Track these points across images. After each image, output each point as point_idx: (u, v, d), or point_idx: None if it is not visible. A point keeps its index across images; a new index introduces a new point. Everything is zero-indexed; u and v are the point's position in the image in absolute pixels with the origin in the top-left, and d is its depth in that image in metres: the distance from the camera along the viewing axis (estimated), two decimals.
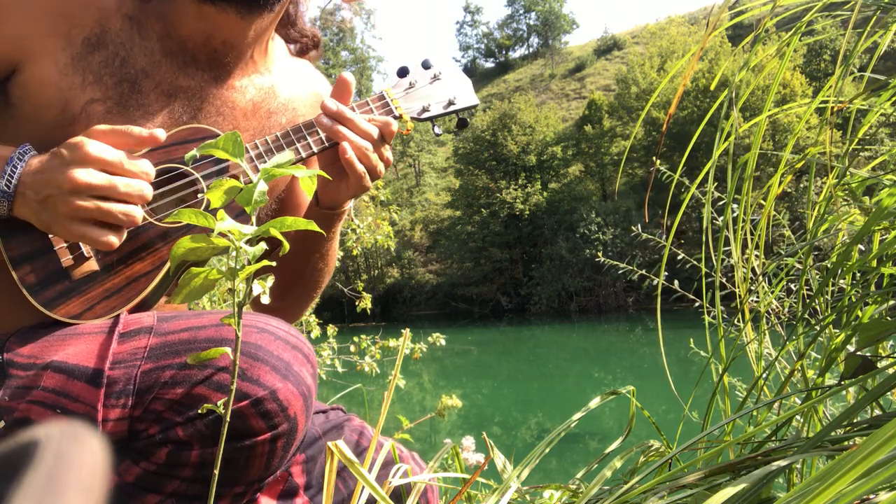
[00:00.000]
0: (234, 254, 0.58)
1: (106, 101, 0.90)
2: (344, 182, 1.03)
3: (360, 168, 0.99)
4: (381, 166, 1.03)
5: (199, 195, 0.93)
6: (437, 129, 1.13)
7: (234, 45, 0.97)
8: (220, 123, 0.98)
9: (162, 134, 0.87)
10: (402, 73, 1.11)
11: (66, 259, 0.86)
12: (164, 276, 0.90)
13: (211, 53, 0.96)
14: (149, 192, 0.85)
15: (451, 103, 1.11)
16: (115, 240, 0.83)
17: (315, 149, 1.00)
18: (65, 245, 0.86)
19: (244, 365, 0.75)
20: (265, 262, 0.59)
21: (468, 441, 1.35)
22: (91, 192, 0.81)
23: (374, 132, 1.01)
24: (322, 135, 1.01)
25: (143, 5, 0.93)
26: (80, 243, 0.87)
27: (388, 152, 1.04)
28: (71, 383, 0.76)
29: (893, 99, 1.08)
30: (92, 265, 0.87)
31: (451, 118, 1.15)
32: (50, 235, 0.86)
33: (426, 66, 1.12)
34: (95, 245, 0.84)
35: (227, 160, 0.93)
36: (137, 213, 0.84)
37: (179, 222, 0.90)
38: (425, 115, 1.09)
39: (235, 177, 0.95)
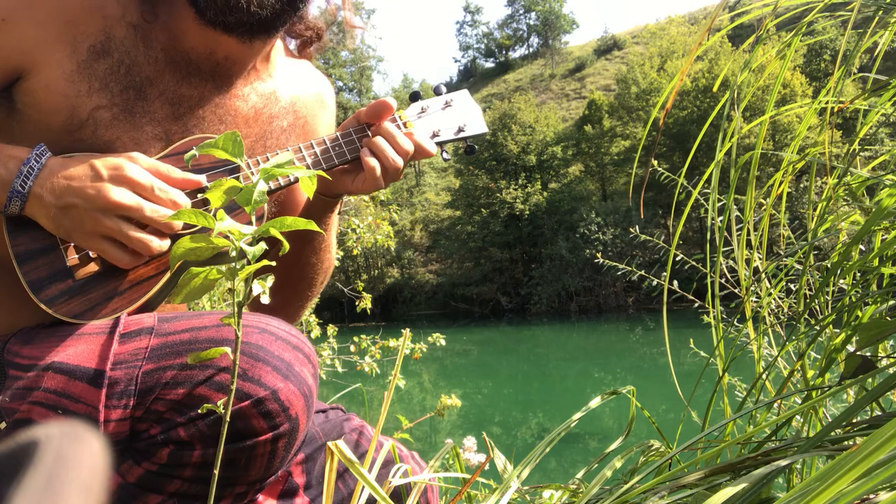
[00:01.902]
0: (233, 254, 0.58)
1: (112, 108, 0.90)
2: (351, 175, 1.04)
3: (374, 163, 1.01)
4: (394, 174, 1.04)
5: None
6: (445, 155, 1.16)
7: (237, 60, 0.98)
8: (222, 131, 0.99)
9: (203, 180, 0.90)
10: (415, 97, 1.14)
11: (71, 259, 0.86)
12: (167, 280, 0.91)
13: (214, 66, 0.97)
14: (177, 224, 0.86)
15: (460, 130, 1.14)
16: (131, 260, 0.85)
17: (343, 159, 1.04)
18: (71, 245, 0.86)
19: (245, 365, 0.75)
20: (265, 262, 0.59)
21: (469, 442, 1.35)
22: (118, 211, 0.82)
23: (410, 148, 1.04)
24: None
25: (147, 13, 0.94)
26: None
27: (402, 169, 1.07)
28: (72, 384, 0.76)
29: (894, 99, 1.08)
30: (96, 266, 0.87)
31: (460, 144, 1.18)
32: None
33: (438, 92, 1.15)
34: (113, 262, 0.85)
35: (239, 169, 0.94)
36: (155, 244, 0.85)
37: (187, 227, 0.91)
38: (436, 139, 1.12)
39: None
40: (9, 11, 0.87)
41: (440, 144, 1.13)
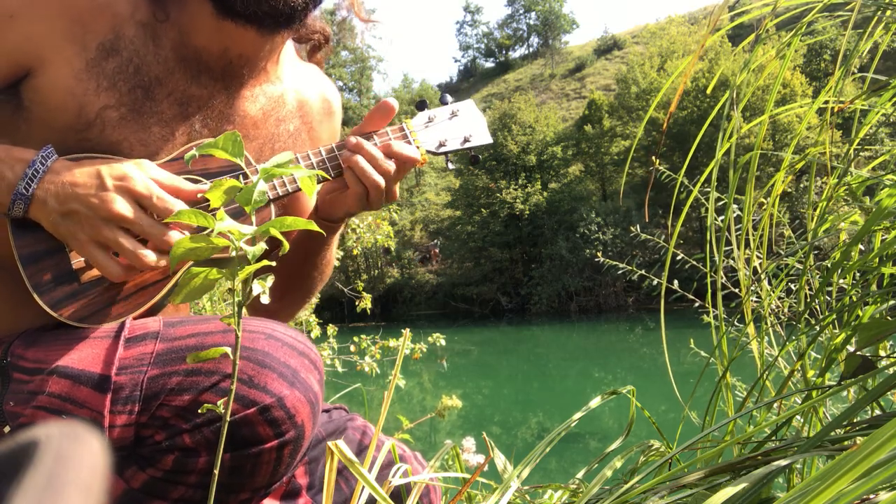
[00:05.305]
0: (233, 254, 0.58)
1: (119, 108, 0.89)
2: (344, 194, 1.03)
3: (360, 188, 0.99)
4: (385, 194, 1.02)
5: None
6: (451, 165, 1.16)
7: (250, 58, 0.96)
8: None
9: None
10: (421, 106, 1.13)
11: (77, 261, 0.85)
12: (173, 285, 0.90)
13: (226, 65, 0.95)
14: (172, 237, 0.84)
15: (466, 140, 1.14)
16: (122, 273, 0.83)
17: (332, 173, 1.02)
18: None
19: (251, 372, 0.74)
20: (265, 263, 0.59)
21: (469, 442, 1.35)
22: (119, 222, 0.81)
23: (392, 168, 1.00)
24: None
25: (158, 12, 0.93)
26: None
27: (397, 188, 1.04)
28: (77, 389, 0.75)
29: (894, 100, 1.08)
30: None
31: (465, 153, 1.18)
32: None
33: (444, 101, 1.15)
34: (102, 272, 0.83)
35: (245, 171, 0.94)
36: (150, 258, 0.83)
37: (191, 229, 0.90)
38: (442, 149, 1.12)
39: None
40: (17, 8, 0.86)
41: (446, 154, 1.13)
